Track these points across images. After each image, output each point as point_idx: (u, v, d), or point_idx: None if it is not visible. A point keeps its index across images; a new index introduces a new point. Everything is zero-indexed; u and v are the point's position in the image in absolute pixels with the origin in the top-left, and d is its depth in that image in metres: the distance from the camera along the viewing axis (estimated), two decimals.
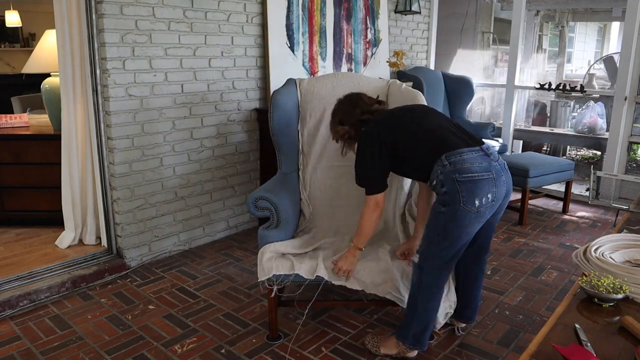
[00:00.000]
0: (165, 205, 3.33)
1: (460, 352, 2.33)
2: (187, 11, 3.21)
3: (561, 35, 8.11)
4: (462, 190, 1.91)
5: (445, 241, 2.00)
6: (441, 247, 2.01)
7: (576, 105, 5.95)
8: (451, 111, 5.10)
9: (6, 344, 2.39)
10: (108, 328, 2.53)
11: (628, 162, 4.66)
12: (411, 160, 2.11)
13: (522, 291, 2.93)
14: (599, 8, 7.74)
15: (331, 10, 4.11)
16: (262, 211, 2.36)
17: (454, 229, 1.97)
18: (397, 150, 2.08)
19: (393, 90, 2.86)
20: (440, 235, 2.00)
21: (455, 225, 1.96)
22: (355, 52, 4.39)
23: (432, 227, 2.03)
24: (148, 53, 3.06)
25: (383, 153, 2.08)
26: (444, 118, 2.20)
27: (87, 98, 3.01)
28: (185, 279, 3.08)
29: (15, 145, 3.53)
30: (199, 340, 2.43)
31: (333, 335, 2.45)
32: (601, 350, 1.28)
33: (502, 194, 2.01)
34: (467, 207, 1.92)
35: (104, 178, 3.07)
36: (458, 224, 1.96)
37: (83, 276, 2.96)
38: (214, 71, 3.42)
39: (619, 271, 1.54)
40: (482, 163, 1.97)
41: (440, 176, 1.96)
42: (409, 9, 4.71)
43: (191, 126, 3.36)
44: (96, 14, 2.84)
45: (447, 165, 1.95)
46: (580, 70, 9.19)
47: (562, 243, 3.68)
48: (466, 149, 1.99)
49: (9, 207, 3.63)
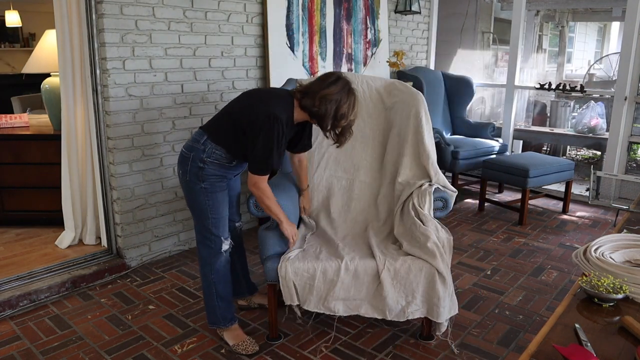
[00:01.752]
0: (165, 205, 3.33)
1: (460, 352, 2.33)
2: (187, 11, 3.21)
3: (561, 35, 8.11)
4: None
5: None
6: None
7: (576, 105, 5.95)
8: (451, 111, 5.11)
9: (6, 344, 2.39)
10: (108, 328, 2.53)
11: (628, 162, 4.66)
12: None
13: (522, 291, 2.93)
14: (599, 8, 7.74)
15: (331, 10, 4.11)
16: (262, 211, 2.37)
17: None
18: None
19: (393, 91, 2.86)
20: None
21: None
22: (355, 52, 4.39)
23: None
24: (148, 53, 3.06)
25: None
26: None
27: (87, 98, 3.01)
28: (185, 279, 3.08)
29: (15, 145, 3.53)
30: (199, 340, 2.43)
31: (333, 335, 2.45)
32: (601, 350, 1.27)
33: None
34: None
35: (104, 178, 3.07)
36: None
37: (83, 276, 2.96)
38: (214, 71, 3.42)
39: (619, 271, 1.54)
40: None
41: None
42: (409, 9, 4.71)
43: (191, 126, 3.36)
44: (96, 14, 2.84)
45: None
46: (580, 70, 9.19)
47: (562, 243, 3.68)
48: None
49: (9, 207, 3.64)
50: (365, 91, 2.85)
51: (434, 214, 2.46)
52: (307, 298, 2.26)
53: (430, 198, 2.45)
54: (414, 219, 2.39)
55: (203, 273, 2.35)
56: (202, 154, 2.17)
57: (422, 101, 2.69)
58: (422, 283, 2.23)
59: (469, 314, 2.67)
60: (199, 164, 2.17)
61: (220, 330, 2.41)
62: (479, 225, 4.03)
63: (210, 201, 2.22)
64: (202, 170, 2.17)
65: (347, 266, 2.24)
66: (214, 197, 2.22)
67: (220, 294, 2.34)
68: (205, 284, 2.35)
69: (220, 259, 2.31)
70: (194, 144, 2.20)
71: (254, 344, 2.34)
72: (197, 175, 2.18)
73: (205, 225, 2.26)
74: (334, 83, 2.12)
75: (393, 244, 2.48)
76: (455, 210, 4.37)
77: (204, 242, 2.30)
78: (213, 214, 2.24)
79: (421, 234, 2.30)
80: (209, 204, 2.22)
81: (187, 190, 2.26)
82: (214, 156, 2.18)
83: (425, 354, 2.31)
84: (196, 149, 2.18)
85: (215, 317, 2.37)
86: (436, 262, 2.21)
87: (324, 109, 2.09)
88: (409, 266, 2.23)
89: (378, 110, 2.86)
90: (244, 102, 2.21)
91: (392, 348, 2.36)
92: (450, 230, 2.85)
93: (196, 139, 2.21)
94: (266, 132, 2.05)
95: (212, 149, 2.17)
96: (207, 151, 2.17)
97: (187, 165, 2.19)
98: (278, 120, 2.06)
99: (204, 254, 2.31)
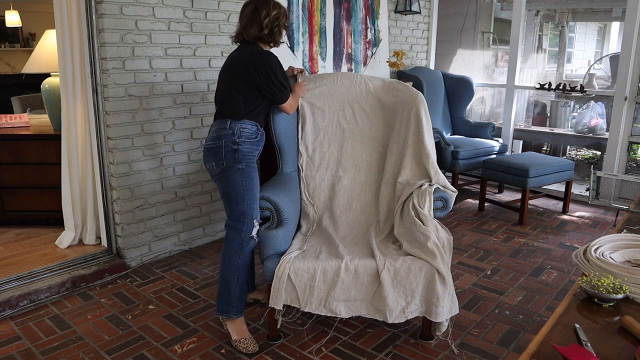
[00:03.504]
0: (165, 205, 3.33)
1: (460, 352, 2.33)
2: (187, 11, 3.21)
3: (561, 35, 8.10)
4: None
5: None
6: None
7: (576, 105, 5.95)
8: (451, 111, 5.11)
9: (6, 344, 2.39)
10: (108, 328, 2.53)
11: (628, 162, 4.66)
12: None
13: (522, 291, 2.93)
14: (599, 8, 7.73)
15: (331, 10, 4.11)
16: (263, 211, 2.37)
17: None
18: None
19: (393, 91, 2.86)
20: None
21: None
22: (355, 52, 4.39)
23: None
24: (148, 53, 3.06)
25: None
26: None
27: (87, 98, 3.01)
28: (185, 279, 3.08)
29: (15, 145, 3.53)
30: (199, 340, 2.43)
31: (333, 335, 2.45)
32: (601, 350, 1.27)
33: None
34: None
35: (104, 178, 3.07)
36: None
37: (83, 276, 2.96)
38: (214, 71, 3.42)
39: (619, 271, 1.54)
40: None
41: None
42: (409, 9, 4.71)
43: (191, 126, 3.36)
44: (96, 14, 2.84)
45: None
46: (580, 70, 9.19)
47: (562, 243, 3.68)
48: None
49: (9, 207, 3.64)
50: (365, 91, 2.85)
51: (434, 214, 2.46)
52: (308, 300, 2.26)
53: (430, 198, 2.45)
54: (414, 219, 2.39)
55: (228, 258, 2.36)
56: (233, 136, 2.29)
57: (422, 101, 2.69)
58: (421, 283, 2.23)
59: (469, 314, 2.67)
60: (233, 147, 2.28)
61: (225, 320, 2.43)
62: (479, 225, 4.03)
63: (247, 181, 2.31)
64: (237, 152, 2.29)
65: (347, 266, 2.24)
66: (250, 177, 2.32)
67: (241, 281, 2.37)
68: (227, 271, 2.36)
69: (250, 244, 2.36)
70: (219, 132, 2.31)
71: (255, 344, 2.35)
72: (234, 158, 2.29)
73: (241, 208, 2.32)
74: (253, 9, 2.33)
75: (393, 244, 2.48)
76: (455, 210, 4.37)
77: (235, 227, 2.34)
78: (249, 196, 2.31)
79: (421, 234, 2.30)
80: (246, 184, 2.30)
81: (224, 177, 2.32)
82: (244, 134, 2.31)
83: (425, 354, 2.31)
84: (225, 135, 2.29)
85: (227, 305, 2.37)
86: (436, 262, 2.21)
87: (269, 30, 2.34)
88: (409, 266, 2.23)
89: (378, 111, 2.86)
90: (234, 70, 2.35)
91: (392, 348, 2.36)
92: (450, 230, 2.85)
93: (220, 127, 2.32)
94: (270, 66, 2.27)
95: (240, 127, 2.30)
96: (237, 132, 2.29)
97: (220, 153, 2.29)
98: (270, 54, 2.31)
99: (235, 238, 2.35)
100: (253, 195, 2.33)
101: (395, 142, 2.75)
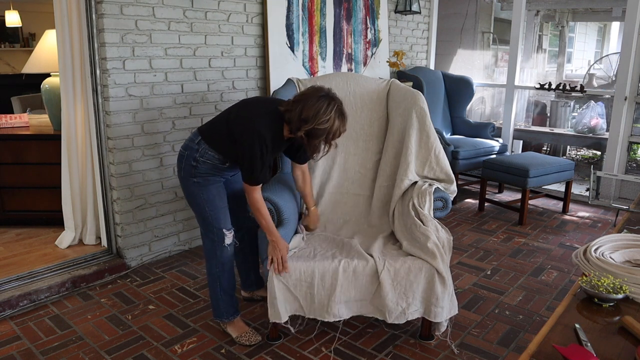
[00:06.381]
0: (165, 205, 3.33)
1: (460, 352, 2.33)
2: (187, 11, 3.21)
3: (561, 35, 8.10)
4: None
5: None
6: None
7: (576, 105, 5.95)
8: (451, 111, 5.11)
9: (6, 344, 2.39)
10: (108, 328, 2.53)
11: (628, 162, 4.66)
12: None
13: (522, 291, 2.93)
14: (599, 8, 7.73)
15: (331, 10, 4.11)
16: None
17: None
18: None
19: (393, 90, 2.86)
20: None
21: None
22: (355, 52, 4.39)
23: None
24: (148, 53, 3.06)
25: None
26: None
27: (87, 98, 3.01)
28: (185, 279, 3.08)
29: (15, 145, 3.53)
30: (199, 340, 2.43)
31: (333, 335, 2.45)
32: (601, 350, 1.27)
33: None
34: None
35: (104, 178, 3.07)
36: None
37: (83, 276, 2.96)
38: (214, 71, 3.42)
39: (619, 271, 1.54)
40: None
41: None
42: (409, 9, 4.71)
43: (191, 126, 3.36)
44: (96, 14, 2.84)
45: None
46: (580, 70, 9.19)
47: (562, 243, 3.68)
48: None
49: (9, 207, 3.64)
50: (365, 91, 2.85)
51: (434, 214, 2.46)
52: (310, 307, 2.26)
53: (430, 198, 2.45)
54: (414, 219, 2.39)
55: (208, 267, 2.40)
56: (196, 153, 2.24)
57: (422, 101, 2.69)
58: (421, 283, 2.23)
59: (469, 314, 2.67)
60: (192, 163, 2.25)
61: (223, 324, 2.45)
62: (479, 225, 4.03)
63: (205, 195, 2.28)
64: (195, 168, 2.25)
65: (345, 267, 2.24)
66: (207, 190, 2.28)
67: (224, 287, 2.38)
68: (209, 278, 2.40)
69: (223, 252, 2.35)
70: (189, 143, 2.29)
71: (256, 335, 2.40)
72: (190, 172, 2.26)
73: (205, 218, 2.32)
74: (316, 101, 2.09)
75: (393, 244, 2.48)
76: (455, 210, 4.37)
77: (207, 235, 2.36)
78: (210, 207, 2.29)
79: (421, 234, 2.30)
80: (203, 197, 2.28)
81: (183, 186, 2.34)
82: (206, 156, 2.24)
83: (425, 354, 2.31)
84: (190, 148, 2.26)
85: (218, 311, 2.42)
86: (436, 263, 2.21)
87: (302, 131, 2.10)
88: (408, 267, 2.23)
89: (378, 111, 2.86)
90: (239, 112, 2.24)
91: (392, 348, 2.36)
92: (450, 230, 2.85)
93: (192, 138, 2.29)
94: (249, 147, 2.10)
95: (205, 149, 2.24)
96: (200, 151, 2.24)
97: (182, 162, 2.29)
98: (262, 139, 2.09)
99: (208, 247, 2.37)
100: (215, 206, 2.29)
101: (395, 142, 2.74)
